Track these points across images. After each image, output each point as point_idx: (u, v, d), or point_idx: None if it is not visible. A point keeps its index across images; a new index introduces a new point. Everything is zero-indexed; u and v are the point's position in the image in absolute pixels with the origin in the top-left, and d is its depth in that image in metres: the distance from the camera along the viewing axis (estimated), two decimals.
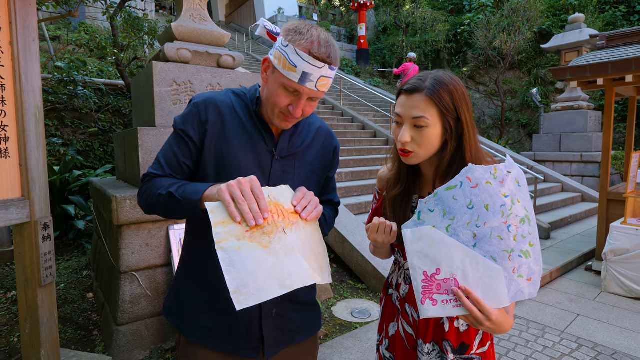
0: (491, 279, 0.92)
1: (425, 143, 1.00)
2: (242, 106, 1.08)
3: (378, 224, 1.02)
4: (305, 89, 0.95)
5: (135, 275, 2.49)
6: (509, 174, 0.96)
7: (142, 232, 2.51)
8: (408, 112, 0.99)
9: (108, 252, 2.73)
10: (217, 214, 0.84)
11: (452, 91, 0.98)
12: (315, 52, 0.92)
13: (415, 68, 10.13)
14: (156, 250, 2.57)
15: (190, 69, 2.77)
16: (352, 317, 3.16)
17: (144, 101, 2.90)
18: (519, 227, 0.94)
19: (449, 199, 0.94)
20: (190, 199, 0.92)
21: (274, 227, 0.87)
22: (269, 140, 1.07)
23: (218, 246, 0.81)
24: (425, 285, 0.92)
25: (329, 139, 1.20)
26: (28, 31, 1.66)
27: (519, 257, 0.93)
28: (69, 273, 3.74)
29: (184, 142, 1.03)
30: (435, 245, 0.93)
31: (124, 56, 4.63)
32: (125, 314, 2.44)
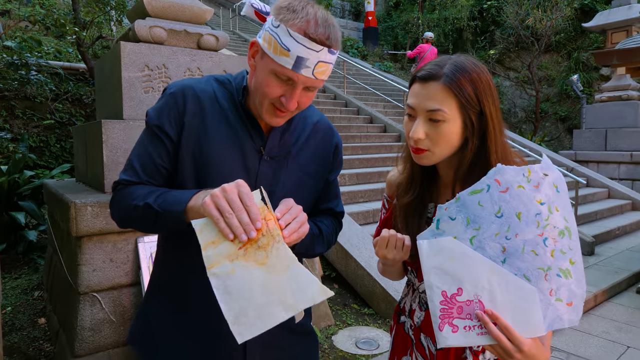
0: (523, 302, 0.92)
1: (442, 140, 0.99)
2: (226, 96, 1.08)
3: (388, 238, 1.02)
4: (300, 76, 0.94)
5: (97, 297, 2.48)
6: (545, 177, 0.96)
7: (106, 245, 2.51)
8: (422, 104, 0.99)
9: (65, 269, 2.72)
10: (206, 234, 0.85)
11: (475, 80, 0.98)
12: (311, 33, 0.91)
13: (432, 50, 10.18)
14: (122, 267, 2.56)
15: (165, 50, 2.77)
16: (357, 349, 3.14)
17: (110, 89, 2.90)
18: (558, 241, 0.94)
19: (473, 205, 0.94)
20: (172, 211, 0.93)
21: (269, 237, 0.87)
22: (256, 137, 1.07)
23: (210, 272, 0.83)
24: (444, 307, 0.92)
25: (329, 136, 1.20)
26: None
27: (557, 276, 0.93)
28: (17, 294, 3.72)
29: (160, 141, 1.03)
30: (456, 260, 0.93)
31: (86, 35, 4.63)
32: (84, 343, 2.43)
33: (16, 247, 4.48)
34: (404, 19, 15.76)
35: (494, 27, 13.75)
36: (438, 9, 14.74)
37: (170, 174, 1.05)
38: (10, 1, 9.41)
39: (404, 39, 15.68)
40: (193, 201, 0.91)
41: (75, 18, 4.78)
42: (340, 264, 4.09)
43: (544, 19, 10.88)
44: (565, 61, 12.76)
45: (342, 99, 9.19)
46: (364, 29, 16.14)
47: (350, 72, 11.26)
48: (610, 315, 3.89)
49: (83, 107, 6.60)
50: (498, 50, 13.34)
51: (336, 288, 4.05)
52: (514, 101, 13.24)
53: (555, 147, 11.76)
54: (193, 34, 2.94)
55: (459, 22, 14.09)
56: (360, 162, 6.35)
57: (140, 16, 2.90)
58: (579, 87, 10.64)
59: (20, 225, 4.42)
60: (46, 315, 3.34)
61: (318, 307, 3.42)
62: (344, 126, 7.62)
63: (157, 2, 2.85)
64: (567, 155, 9.05)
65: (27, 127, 6.17)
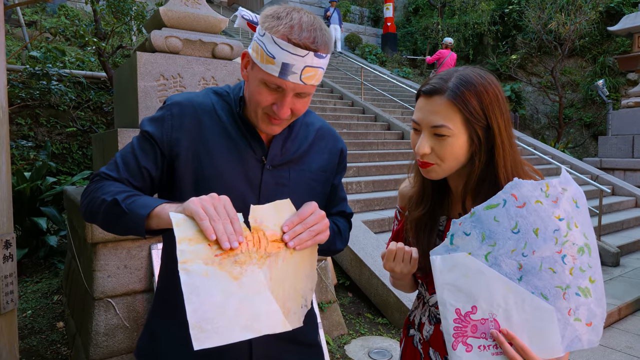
0: (540, 322, 0.89)
1: (448, 155, 0.98)
2: (224, 108, 1.08)
3: (395, 251, 1.01)
4: (288, 83, 0.94)
5: (111, 303, 2.52)
6: (564, 192, 0.93)
7: (120, 252, 2.54)
8: (427, 119, 0.98)
9: (81, 274, 2.77)
10: (183, 229, 0.83)
11: (481, 93, 0.96)
12: (294, 39, 0.91)
13: (452, 56, 10.09)
14: (136, 274, 2.59)
15: (180, 60, 2.81)
16: (370, 359, 3.11)
17: (126, 98, 2.95)
18: (577, 258, 0.91)
19: (489, 220, 0.91)
20: (136, 213, 0.91)
21: (247, 257, 0.86)
22: (257, 147, 1.07)
23: (182, 267, 0.80)
24: (458, 326, 0.90)
25: (333, 141, 1.20)
26: None
27: (576, 295, 0.90)
28: (38, 297, 3.81)
29: (149, 145, 1.04)
30: (471, 277, 0.91)
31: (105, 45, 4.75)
32: (98, 348, 2.46)
33: (38, 251, 4.59)
34: (423, 24, 15.68)
35: (516, 31, 13.56)
36: (458, 14, 14.62)
37: (152, 178, 1.04)
38: (37, 12, 9.75)
39: (423, 45, 15.60)
40: (160, 208, 0.90)
41: (96, 29, 4.91)
42: (355, 272, 4.06)
43: (568, 22, 10.66)
44: (591, 66, 12.47)
45: (359, 106, 9.18)
46: (383, 35, 16.12)
47: (368, 78, 11.24)
48: (635, 330, 3.75)
49: (104, 115, 6.76)
50: (520, 55, 13.13)
51: (350, 297, 4.01)
52: (536, 107, 13.00)
53: (579, 154, 11.49)
54: (208, 43, 2.97)
55: (479, 27, 13.94)
56: (377, 170, 6.31)
57: (157, 27, 2.96)
58: (604, 92, 10.38)
59: (42, 231, 4.53)
60: (64, 319, 3.41)
61: (331, 315, 3.40)
62: (361, 133, 7.60)
63: (173, 12, 2.90)
64: (592, 162, 8.83)
65: (51, 134, 6.35)
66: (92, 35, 4.61)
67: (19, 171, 4.65)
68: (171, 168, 1.04)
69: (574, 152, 11.35)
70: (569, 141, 11.26)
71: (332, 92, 9.95)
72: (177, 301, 1.07)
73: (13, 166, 4.74)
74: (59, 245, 4.69)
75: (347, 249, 4.09)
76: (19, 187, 4.44)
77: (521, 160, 1.05)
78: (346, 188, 5.52)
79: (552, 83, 11.96)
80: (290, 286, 0.95)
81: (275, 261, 0.91)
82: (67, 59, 5.39)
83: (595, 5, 10.93)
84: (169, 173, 1.05)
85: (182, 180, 1.03)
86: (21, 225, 4.57)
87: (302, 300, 0.97)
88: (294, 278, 0.95)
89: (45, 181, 4.90)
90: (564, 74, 12.31)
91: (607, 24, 11.63)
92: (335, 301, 3.52)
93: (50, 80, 4.06)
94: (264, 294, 0.87)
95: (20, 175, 4.63)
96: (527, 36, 12.97)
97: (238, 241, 0.83)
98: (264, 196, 1.06)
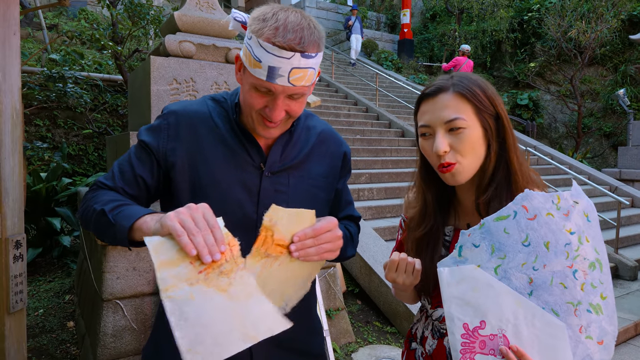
0: (551, 339, 0.86)
1: (467, 149, 0.96)
2: (221, 115, 1.07)
3: (398, 261, 0.99)
4: (276, 86, 0.93)
5: (120, 304, 2.53)
6: (575, 205, 0.91)
7: (130, 254, 2.56)
8: (438, 116, 0.97)
9: (92, 275, 2.80)
10: (161, 253, 0.79)
11: (483, 84, 0.99)
12: (279, 41, 0.89)
13: (469, 63, 10.01)
14: (144, 276, 2.61)
15: (193, 64, 2.84)
16: None
17: (140, 101, 2.99)
18: (588, 274, 0.89)
19: (499, 232, 0.89)
20: (120, 225, 0.90)
21: (233, 264, 0.83)
22: (254, 154, 1.06)
23: (164, 295, 0.77)
24: (465, 341, 0.88)
25: (336, 145, 1.18)
26: (9, 23, 1.76)
27: (587, 312, 0.88)
28: (50, 297, 3.86)
29: (145, 154, 1.04)
30: (480, 291, 0.89)
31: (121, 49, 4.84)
32: (105, 349, 2.48)
33: (52, 251, 4.67)
34: (441, 31, 15.61)
35: (535, 39, 13.40)
36: (476, 21, 14.52)
37: (148, 186, 1.04)
38: (58, 15, 9.98)
39: (440, 52, 15.51)
40: (142, 221, 0.88)
41: (113, 32, 5.00)
42: (364, 280, 4.02)
43: (588, 30, 10.50)
44: (611, 74, 12.24)
45: (373, 112, 9.16)
46: (399, 41, 16.08)
47: (383, 84, 11.22)
48: None
49: (119, 118, 6.86)
50: (538, 63, 12.97)
51: (359, 304, 3.98)
52: (554, 116, 12.80)
53: (598, 164, 11.26)
54: (221, 48, 3.00)
55: (497, 34, 13.81)
56: (390, 177, 6.27)
57: (172, 31, 2.99)
58: (625, 101, 10.17)
59: (56, 231, 4.60)
60: (75, 319, 3.44)
61: (339, 323, 3.37)
62: (375, 139, 7.57)
63: (188, 17, 2.93)
64: (611, 173, 8.65)
65: (68, 136, 6.47)
66: (108, 39, 4.69)
67: (35, 171, 4.74)
68: (168, 177, 1.04)
69: (592, 163, 11.14)
70: (587, 151, 11.05)
71: (346, 97, 9.96)
72: None
73: (30, 167, 4.84)
74: (72, 246, 4.76)
75: (357, 256, 4.06)
76: (34, 187, 4.52)
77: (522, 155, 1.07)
78: (358, 194, 5.50)
79: (571, 92, 11.78)
80: (275, 289, 0.91)
81: (271, 263, 0.89)
82: (84, 62, 5.50)
83: (617, 13, 10.75)
84: (166, 182, 1.05)
85: (180, 190, 1.03)
86: (36, 225, 4.65)
87: (284, 304, 0.93)
88: (283, 283, 0.92)
89: (61, 182, 4.99)
90: (583, 82, 12.11)
91: (629, 32, 11.43)
92: (344, 309, 3.49)
93: (67, 83, 4.15)
94: (255, 296, 0.85)
95: (37, 176, 4.72)
96: (546, 44, 12.81)
97: (220, 251, 0.79)
98: (263, 203, 1.04)
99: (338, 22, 17.52)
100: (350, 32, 13.37)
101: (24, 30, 8.68)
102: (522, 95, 12.57)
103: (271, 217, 0.89)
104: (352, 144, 7.18)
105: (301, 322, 0.94)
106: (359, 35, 13.39)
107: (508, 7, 14.03)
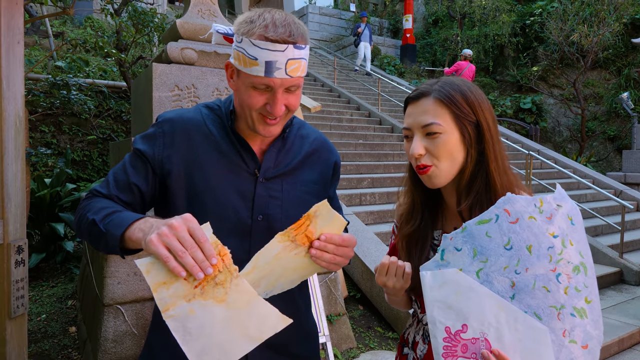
0: (533, 342, 0.87)
1: (444, 152, 0.98)
2: (215, 122, 1.10)
3: (388, 264, 1.00)
4: (275, 80, 0.96)
5: (120, 309, 2.55)
6: (559, 208, 0.92)
7: (131, 259, 2.58)
8: (416, 120, 0.99)
9: (93, 280, 2.83)
10: (154, 274, 0.80)
11: (466, 92, 0.99)
12: (271, 36, 0.93)
13: (471, 67, 10.01)
14: (145, 281, 2.63)
15: (194, 71, 2.87)
16: None
17: (142, 107, 3.03)
18: (572, 277, 0.89)
19: (480, 235, 0.90)
20: (112, 233, 0.91)
21: (227, 273, 0.84)
22: (249, 160, 1.08)
23: (166, 315, 0.79)
24: (447, 345, 0.89)
25: (327, 153, 1.21)
26: (13, 32, 1.80)
27: (571, 315, 0.88)
28: (53, 302, 3.89)
29: (140, 161, 1.06)
30: (462, 294, 0.89)
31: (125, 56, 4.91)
32: (106, 354, 2.49)
33: (55, 256, 4.70)
34: (443, 35, 15.64)
35: (537, 43, 13.39)
36: (478, 26, 14.53)
37: (142, 193, 1.06)
38: (65, 23, 10.11)
39: (443, 56, 15.54)
40: (130, 232, 0.88)
41: (117, 40, 5.07)
42: (366, 285, 4.02)
43: (590, 34, 10.48)
44: (615, 78, 12.20)
45: (376, 117, 9.18)
46: (402, 46, 16.13)
47: (386, 89, 11.24)
48: None
49: (123, 124, 6.93)
50: (541, 67, 12.95)
51: (360, 310, 3.98)
52: (558, 119, 12.76)
53: (603, 168, 11.20)
54: (223, 54, 3.03)
55: (500, 39, 13.82)
56: (392, 181, 6.28)
57: (174, 38, 3.03)
58: (629, 105, 10.12)
59: (59, 236, 4.64)
60: (77, 324, 3.47)
61: (340, 328, 3.37)
62: (377, 144, 7.58)
63: (190, 24, 2.97)
64: (616, 177, 8.60)
65: (73, 142, 6.54)
66: (112, 46, 4.76)
67: (39, 177, 4.79)
68: (163, 185, 1.06)
69: (597, 166, 11.07)
70: (591, 155, 11.00)
71: (349, 102, 9.99)
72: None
73: (35, 172, 4.89)
74: (76, 251, 4.79)
75: (359, 261, 4.06)
76: (39, 193, 4.57)
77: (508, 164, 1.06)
78: (360, 199, 5.51)
79: (574, 95, 11.74)
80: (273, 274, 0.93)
81: (291, 249, 0.92)
82: (89, 69, 5.58)
83: (619, 16, 10.73)
84: (161, 189, 1.07)
85: (176, 197, 1.05)
86: (40, 230, 4.69)
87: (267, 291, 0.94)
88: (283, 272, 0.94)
89: (65, 188, 5.04)
90: (586, 86, 12.07)
91: (632, 35, 11.40)
92: (345, 314, 3.49)
93: (70, 90, 4.22)
94: (254, 301, 0.87)
95: (41, 182, 4.77)
96: (548, 48, 12.80)
97: (211, 265, 0.80)
98: (258, 209, 1.07)
99: (341, 27, 17.60)
100: (359, 39, 12.88)
101: (31, 38, 8.81)
102: (525, 99, 12.55)
103: (318, 208, 0.92)
104: (354, 149, 7.20)
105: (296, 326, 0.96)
106: (367, 44, 12.89)
107: (510, 12, 14.04)
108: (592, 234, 6.05)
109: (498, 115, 12.13)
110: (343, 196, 5.35)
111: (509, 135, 9.59)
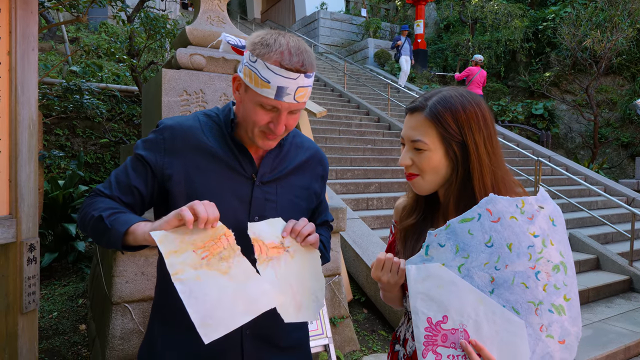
0: (510, 335, 0.91)
1: (427, 167, 1.04)
2: (213, 129, 1.17)
3: (384, 260, 1.04)
4: (283, 103, 1.04)
5: (128, 308, 2.63)
6: (540, 210, 0.95)
7: (138, 259, 2.66)
8: (407, 133, 1.06)
9: (103, 279, 2.91)
10: (166, 244, 0.93)
11: (457, 112, 1.01)
12: (286, 64, 1.01)
13: (482, 73, 10.00)
14: (152, 280, 2.70)
15: (202, 76, 2.96)
16: None
17: (152, 112, 3.12)
18: (552, 276, 0.93)
19: (463, 233, 0.95)
20: (116, 229, 1.01)
21: (230, 250, 0.98)
22: (247, 165, 1.16)
23: (175, 278, 0.91)
24: (428, 334, 0.93)
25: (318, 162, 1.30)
26: (28, 40, 1.89)
27: (549, 312, 0.91)
28: (64, 300, 4.00)
29: (141, 166, 1.13)
30: (444, 287, 0.94)
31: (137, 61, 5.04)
32: (114, 351, 2.57)
33: (67, 256, 4.82)
34: (454, 41, 15.63)
35: (550, 49, 13.32)
36: (490, 31, 14.50)
37: (143, 196, 1.14)
38: (80, 29, 10.36)
39: (454, 62, 15.52)
40: (135, 227, 1.00)
41: (130, 46, 5.21)
42: (370, 289, 4.06)
43: (604, 40, 10.40)
44: (629, 84, 12.07)
45: (385, 122, 9.21)
46: (413, 52, 16.16)
47: (396, 94, 11.28)
48: None
49: (135, 127, 7.08)
50: (553, 72, 12.87)
51: (365, 313, 4.01)
52: (570, 126, 12.65)
53: (616, 175, 11.06)
54: (231, 60, 3.11)
55: (512, 44, 13.77)
56: (400, 186, 6.30)
57: (183, 44, 3.13)
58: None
59: (71, 236, 4.76)
60: (87, 322, 3.56)
61: (343, 331, 3.41)
62: (386, 149, 7.61)
63: (199, 31, 3.06)
64: (629, 184, 8.50)
65: (86, 145, 6.70)
66: (125, 52, 4.90)
67: (53, 179, 4.93)
68: (163, 188, 1.14)
69: (610, 173, 10.95)
70: (604, 161, 10.88)
71: (358, 107, 10.04)
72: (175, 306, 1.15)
73: (49, 174, 5.03)
74: (87, 251, 4.91)
75: (364, 265, 4.10)
76: (52, 194, 4.70)
77: (509, 179, 1.07)
78: (367, 204, 5.55)
79: (586, 101, 11.64)
80: (298, 283, 1.06)
81: (278, 263, 1.04)
82: (102, 74, 5.72)
83: (633, 22, 10.64)
84: (161, 193, 1.15)
85: (176, 200, 1.12)
86: (53, 231, 4.82)
87: (313, 296, 1.08)
88: (299, 277, 1.07)
89: (78, 189, 5.17)
90: (599, 92, 11.97)
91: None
92: (348, 317, 3.53)
93: (83, 95, 4.36)
94: (253, 278, 0.99)
95: (55, 183, 4.90)
96: (561, 53, 12.72)
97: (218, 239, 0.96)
98: (254, 211, 1.14)
99: (352, 32, 17.69)
100: (400, 53, 12.51)
101: (47, 44, 9.04)
102: (537, 105, 12.47)
103: (253, 231, 1.05)
104: (362, 154, 7.25)
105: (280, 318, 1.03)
106: (408, 58, 12.50)
107: (522, 17, 13.99)
108: (602, 242, 5.99)
109: (509, 121, 12.07)
110: (350, 200, 5.40)
111: (519, 142, 9.54)
